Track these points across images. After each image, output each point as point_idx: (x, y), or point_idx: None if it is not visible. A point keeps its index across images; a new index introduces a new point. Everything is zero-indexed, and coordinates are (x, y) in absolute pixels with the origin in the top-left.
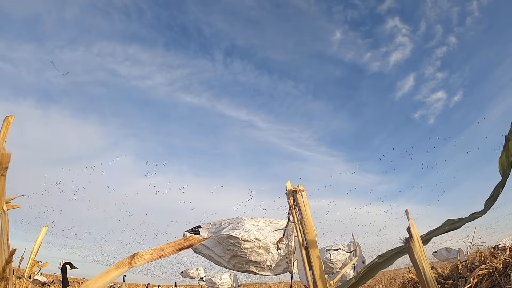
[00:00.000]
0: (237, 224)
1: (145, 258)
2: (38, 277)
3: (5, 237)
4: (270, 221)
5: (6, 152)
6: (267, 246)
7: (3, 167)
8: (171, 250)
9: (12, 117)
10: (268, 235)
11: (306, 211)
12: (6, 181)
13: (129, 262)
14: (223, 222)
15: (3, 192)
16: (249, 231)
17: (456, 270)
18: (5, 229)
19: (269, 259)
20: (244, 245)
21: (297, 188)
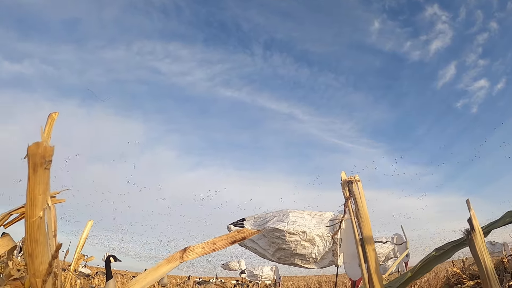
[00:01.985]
0: (282, 217)
1: (197, 251)
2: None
3: (51, 232)
4: (316, 214)
5: (49, 145)
6: (312, 239)
7: (46, 160)
8: (224, 243)
9: (56, 113)
10: (314, 227)
11: (362, 203)
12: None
13: (180, 256)
14: (267, 215)
15: (47, 186)
16: (294, 224)
17: (502, 265)
18: (51, 224)
19: (315, 252)
20: (290, 238)
21: (353, 178)
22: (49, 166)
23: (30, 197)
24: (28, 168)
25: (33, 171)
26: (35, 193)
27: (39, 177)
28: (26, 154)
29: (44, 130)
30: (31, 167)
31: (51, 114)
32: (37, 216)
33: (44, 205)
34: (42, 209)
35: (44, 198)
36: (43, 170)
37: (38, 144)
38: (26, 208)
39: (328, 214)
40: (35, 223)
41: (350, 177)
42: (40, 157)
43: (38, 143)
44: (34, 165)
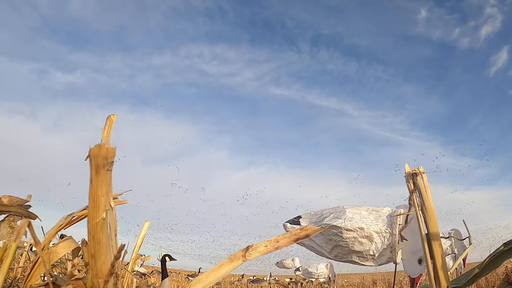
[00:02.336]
0: (338, 213)
1: (260, 250)
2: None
3: (113, 233)
4: (373, 209)
5: (111, 147)
6: (370, 235)
7: (108, 161)
8: (287, 241)
9: (114, 115)
10: (371, 223)
11: (428, 196)
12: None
13: (243, 255)
14: (324, 212)
15: (110, 187)
16: (351, 220)
17: None
18: (113, 225)
19: (372, 249)
20: (347, 235)
21: (417, 170)
22: (111, 168)
23: (92, 199)
24: (90, 170)
25: (96, 173)
26: (98, 195)
27: (101, 179)
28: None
29: (103, 133)
30: (94, 168)
31: (110, 116)
32: (100, 218)
33: (106, 206)
34: (104, 211)
35: (107, 200)
36: (105, 171)
37: (100, 146)
38: (88, 210)
39: (386, 209)
40: (98, 224)
41: (414, 169)
42: (102, 159)
43: (100, 144)
44: (97, 167)
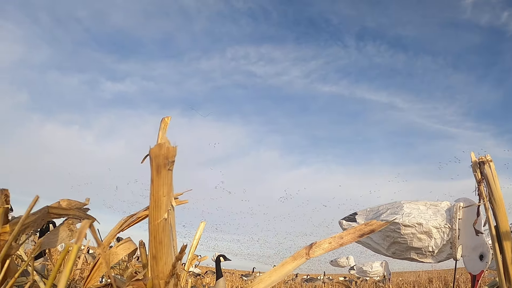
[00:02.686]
0: (396, 209)
1: (324, 247)
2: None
3: (174, 233)
4: (431, 204)
5: (172, 146)
6: (429, 231)
7: (169, 161)
8: (351, 237)
9: (168, 117)
10: (430, 218)
11: (496, 185)
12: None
13: (306, 253)
14: (380, 208)
15: (171, 187)
16: (409, 216)
17: None
18: (174, 225)
19: (432, 245)
20: (405, 231)
21: (484, 159)
22: (172, 167)
23: (154, 199)
24: (151, 170)
25: (157, 173)
26: (159, 195)
27: (162, 179)
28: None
29: (158, 135)
30: (155, 169)
31: (164, 119)
32: (161, 218)
33: (168, 206)
34: (166, 211)
35: (168, 200)
36: (166, 171)
37: (161, 145)
38: (150, 210)
39: (445, 203)
40: (160, 225)
41: (481, 158)
42: (163, 158)
43: (161, 144)
44: (158, 167)
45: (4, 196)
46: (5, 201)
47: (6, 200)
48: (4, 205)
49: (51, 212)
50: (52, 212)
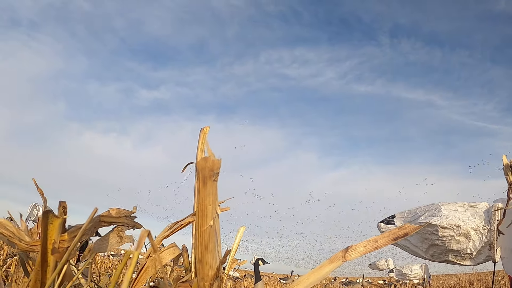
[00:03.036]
0: (434, 211)
1: (359, 250)
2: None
3: (218, 239)
4: (469, 205)
5: (217, 159)
6: (467, 233)
7: (215, 172)
8: (386, 241)
9: (207, 127)
10: (468, 220)
11: None
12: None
13: (342, 255)
14: (418, 210)
15: (216, 197)
16: (447, 217)
17: None
18: (218, 230)
19: (470, 247)
20: (443, 233)
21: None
22: (217, 178)
23: (200, 208)
24: (197, 181)
25: (203, 184)
26: (205, 204)
27: (208, 189)
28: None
29: (198, 145)
30: (201, 180)
31: (203, 129)
32: (207, 225)
33: (213, 214)
34: (212, 218)
35: (214, 208)
36: (212, 182)
37: (206, 158)
38: (196, 218)
39: (483, 204)
40: (206, 231)
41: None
42: (209, 170)
43: (206, 157)
44: (204, 178)
45: (62, 208)
46: (63, 212)
47: (64, 211)
48: (62, 216)
49: (102, 220)
50: (103, 221)
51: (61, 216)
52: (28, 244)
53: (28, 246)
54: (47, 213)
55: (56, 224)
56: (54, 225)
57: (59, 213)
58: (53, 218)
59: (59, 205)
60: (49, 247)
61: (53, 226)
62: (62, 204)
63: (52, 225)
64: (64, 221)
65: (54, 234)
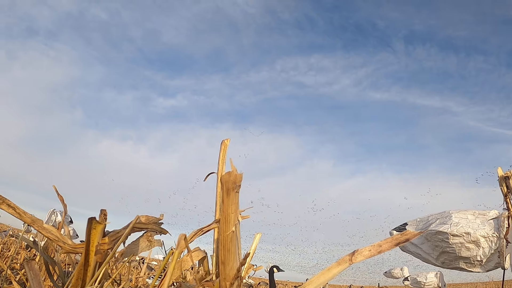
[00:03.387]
0: (444, 219)
1: (364, 254)
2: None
3: (239, 242)
4: (479, 213)
5: (238, 173)
6: (477, 240)
7: (237, 185)
8: (389, 246)
9: (228, 140)
10: (478, 228)
11: None
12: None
13: (349, 259)
14: (430, 218)
15: (238, 206)
16: (457, 225)
17: None
18: (239, 236)
19: (480, 254)
20: (453, 240)
21: (510, 174)
22: (239, 190)
23: (224, 216)
24: (222, 192)
25: (227, 195)
26: (228, 212)
27: (231, 199)
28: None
29: (219, 156)
30: (225, 191)
31: (224, 141)
32: (230, 231)
33: (235, 221)
34: (234, 225)
35: (236, 216)
36: (234, 193)
37: (230, 173)
38: (220, 224)
39: (493, 212)
40: (229, 236)
41: (507, 173)
42: (232, 183)
43: (230, 172)
44: (227, 190)
45: (103, 215)
46: (104, 219)
47: (105, 218)
48: (104, 222)
49: (135, 226)
50: (135, 227)
51: (102, 222)
52: (72, 246)
53: (71, 249)
54: (91, 220)
55: (98, 229)
56: (97, 230)
57: (101, 219)
58: (96, 224)
59: (100, 213)
60: (91, 249)
61: (96, 231)
62: (103, 211)
63: (95, 230)
64: (105, 227)
65: (96, 238)
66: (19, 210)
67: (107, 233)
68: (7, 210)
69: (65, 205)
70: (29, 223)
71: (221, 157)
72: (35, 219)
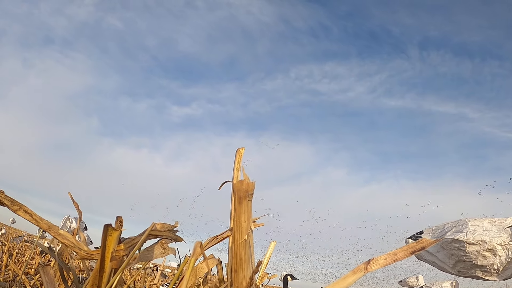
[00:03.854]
0: (460, 227)
1: (380, 263)
2: None
3: (253, 251)
4: (496, 221)
5: (251, 181)
6: (493, 248)
7: (249, 193)
8: (404, 254)
9: (242, 148)
10: (495, 236)
11: None
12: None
13: (364, 267)
14: (445, 226)
15: (250, 214)
16: (474, 233)
17: None
18: (252, 244)
19: (496, 263)
20: (469, 249)
21: None
22: (251, 198)
23: (236, 224)
24: (234, 201)
25: (239, 203)
26: (241, 221)
27: (243, 208)
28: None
29: (234, 165)
30: (237, 200)
31: (238, 150)
32: (242, 239)
33: (248, 230)
34: (246, 233)
35: (248, 224)
36: (246, 202)
37: (242, 181)
38: (233, 233)
39: (510, 220)
40: (241, 245)
41: None
42: (244, 192)
43: (242, 180)
44: (240, 199)
45: (119, 222)
46: (120, 225)
47: (121, 225)
48: (119, 229)
49: (150, 233)
50: (150, 234)
51: (118, 229)
52: (87, 253)
53: (87, 255)
54: (107, 227)
55: (114, 236)
56: (113, 237)
57: (116, 226)
58: (112, 230)
59: (116, 220)
60: (107, 255)
61: (112, 238)
62: (119, 219)
63: (111, 237)
64: (120, 233)
65: (112, 244)
66: (35, 217)
67: (122, 240)
68: (24, 216)
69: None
70: (45, 229)
71: (236, 166)
72: (51, 225)
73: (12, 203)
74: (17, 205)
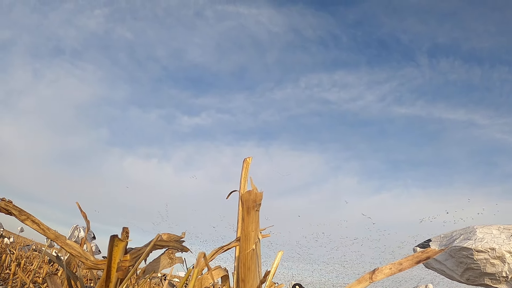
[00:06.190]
0: (468, 234)
1: (385, 272)
2: None
3: (260, 260)
4: (504, 228)
5: (258, 191)
6: (502, 256)
7: (257, 204)
8: (409, 264)
9: (250, 158)
10: (503, 243)
11: None
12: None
13: (370, 277)
14: (454, 233)
15: (258, 224)
16: (482, 241)
17: None
18: (259, 254)
19: (505, 270)
20: (478, 256)
21: None
22: (259, 208)
23: (244, 234)
24: (242, 211)
25: (247, 213)
26: (249, 230)
27: (251, 218)
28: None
29: (241, 175)
30: (245, 210)
31: (246, 159)
32: (250, 249)
33: (255, 239)
34: (254, 243)
35: (256, 234)
36: (254, 212)
37: (250, 192)
38: (241, 243)
39: None
40: (249, 254)
41: None
42: (252, 202)
43: (250, 191)
44: (248, 209)
45: (125, 233)
46: (126, 236)
47: (127, 235)
48: (126, 239)
49: (156, 244)
50: (157, 244)
51: (124, 239)
52: (94, 263)
53: (93, 265)
54: (113, 237)
55: (120, 246)
56: (119, 247)
57: (123, 237)
58: (118, 241)
59: (122, 230)
60: (113, 266)
61: (118, 248)
62: (125, 229)
63: (117, 247)
64: (127, 244)
65: (118, 255)
66: (43, 226)
67: (128, 250)
68: (32, 226)
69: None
70: (52, 239)
71: (243, 176)
72: (58, 235)
73: (20, 212)
74: (25, 215)
